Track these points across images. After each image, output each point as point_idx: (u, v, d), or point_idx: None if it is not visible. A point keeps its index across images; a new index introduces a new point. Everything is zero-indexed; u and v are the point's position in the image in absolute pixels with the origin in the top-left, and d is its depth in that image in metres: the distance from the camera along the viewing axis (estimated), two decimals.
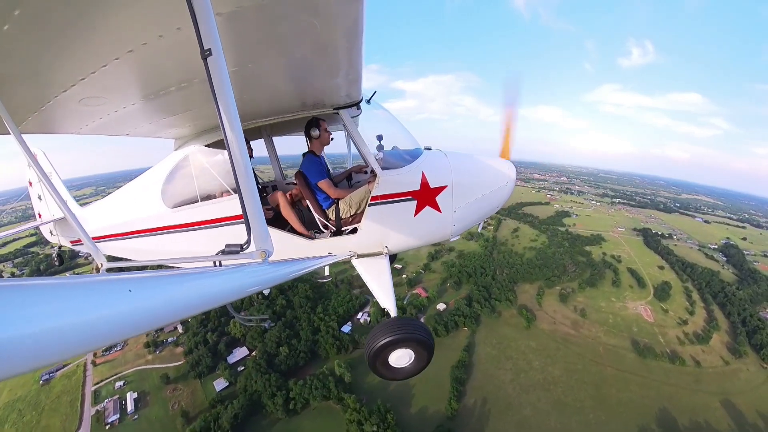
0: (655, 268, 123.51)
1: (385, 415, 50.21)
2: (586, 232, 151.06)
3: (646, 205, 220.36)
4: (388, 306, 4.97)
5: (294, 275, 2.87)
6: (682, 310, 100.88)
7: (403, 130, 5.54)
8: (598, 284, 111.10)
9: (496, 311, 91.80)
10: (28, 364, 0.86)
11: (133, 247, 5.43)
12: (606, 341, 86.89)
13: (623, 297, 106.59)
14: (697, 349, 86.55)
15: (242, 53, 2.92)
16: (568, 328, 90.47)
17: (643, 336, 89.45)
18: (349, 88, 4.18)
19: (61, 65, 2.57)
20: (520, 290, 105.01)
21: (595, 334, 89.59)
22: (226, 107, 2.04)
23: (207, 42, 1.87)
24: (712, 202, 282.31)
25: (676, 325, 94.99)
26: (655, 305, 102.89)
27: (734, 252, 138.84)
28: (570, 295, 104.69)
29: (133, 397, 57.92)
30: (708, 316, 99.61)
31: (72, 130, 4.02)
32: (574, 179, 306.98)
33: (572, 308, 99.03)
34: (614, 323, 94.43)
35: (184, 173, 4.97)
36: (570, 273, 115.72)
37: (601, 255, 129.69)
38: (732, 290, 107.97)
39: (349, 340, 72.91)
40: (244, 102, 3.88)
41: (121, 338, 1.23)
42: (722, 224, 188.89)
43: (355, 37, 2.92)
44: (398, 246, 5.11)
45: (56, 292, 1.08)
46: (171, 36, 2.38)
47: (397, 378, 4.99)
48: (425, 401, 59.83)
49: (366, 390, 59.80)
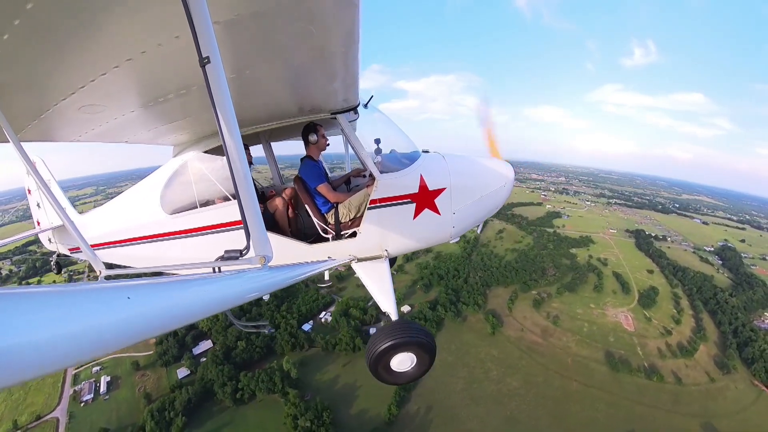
0: (644, 272, 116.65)
1: (321, 412, 51.82)
2: (576, 233, 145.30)
3: (644, 205, 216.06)
4: (389, 310, 4.94)
5: (294, 280, 2.86)
6: (667, 319, 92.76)
7: (400, 134, 5.56)
8: (578, 289, 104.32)
9: (462, 315, 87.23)
10: (26, 373, 0.85)
11: (132, 254, 5.42)
12: (576, 352, 79.92)
13: (603, 303, 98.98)
14: (679, 362, 78.74)
15: (240, 60, 2.95)
16: (536, 337, 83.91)
17: (619, 347, 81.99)
18: (346, 93, 4.23)
19: (60, 74, 2.59)
20: (492, 294, 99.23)
21: (566, 343, 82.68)
22: (224, 114, 2.05)
23: (205, 50, 1.89)
24: (713, 202, 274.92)
25: (659, 335, 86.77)
26: (638, 313, 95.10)
27: (731, 255, 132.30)
28: (545, 300, 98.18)
29: (106, 380, 64.48)
30: (696, 325, 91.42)
31: (71, 137, 4.03)
32: (572, 179, 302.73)
33: (545, 314, 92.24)
34: (588, 332, 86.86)
35: (183, 179, 4.97)
36: (549, 276, 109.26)
37: (587, 258, 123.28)
38: (725, 297, 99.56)
39: (306, 338, 74.11)
40: (242, 108, 3.88)
41: (120, 346, 1.20)
42: (721, 225, 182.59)
43: (351, 43, 2.96)
44: (398, 249, 5.11)
45: (53, 300, 1.06)
46: (170, 44, 2.40)
47: (399, 382, 4.96)
48: (367, 403, 58.78)
49: (314, 387, 61.39)
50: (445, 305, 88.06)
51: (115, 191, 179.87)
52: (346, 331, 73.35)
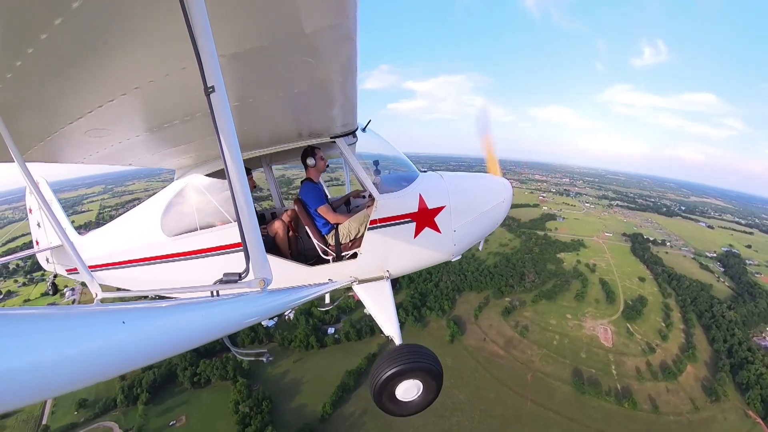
0: (635, 280, 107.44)
1: (261, 401, 56.77)
2: (568, 236, 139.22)
3: (647, 208, 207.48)
4: (392, 333, 4.83)
5: (294, 304, 2.84)
6: (653, 333, 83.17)
7: (398, 155, 5.69)
8: (557, 297, 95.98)
9: (424, 321, 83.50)
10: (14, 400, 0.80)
11: (130, 276, 5.39)
12: (539, 368, 72.45)
13: (582, 314, 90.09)
14: (659, 386, 68.63)
15: (243, 90, 3.06)
16: (498, 348, 77.69)
17: (590, 365, 73.14)
18: (345, 119, 4.35)
19: (69, 99, 2.67)
20: (462, 300, 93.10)
21: (529, 357, 75.34)
22: (227, 139, 2.10)
23: (210, 80, 1.95)
24: (722, 205, 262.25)
25: (640, 352, 77.25)
26: (620, 325, 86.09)
27: (734, 261, 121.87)
28: (517, 308, 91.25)
29: None
30: (685, 341, 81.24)
31: (76, 159, 4.10)
32: (577, 180, 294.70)
33: (513, 324, 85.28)
34: (558, 346, 78.41)
35: (185, 201, 5.03)
36: (527, 283, 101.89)
37: (574, 263, 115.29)
38: (722, 309, 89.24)
39: (265, 333, 76.24)
40: (244, 133, 4.01)
41: (115, 374, 1.15)
42: (727, 229, 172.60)
43: (349, 72, 3.08)
44: (400, 269, 5.10)
45: (44, 324, 1.01)
46: (176, 74, 2.50)
47: (405, 414, 4.74)
48: (308, 399, 60.85)
49: (263, 379, 65.45)
50: (408, 309, 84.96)
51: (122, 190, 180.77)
52: (303, 329, 75.15)
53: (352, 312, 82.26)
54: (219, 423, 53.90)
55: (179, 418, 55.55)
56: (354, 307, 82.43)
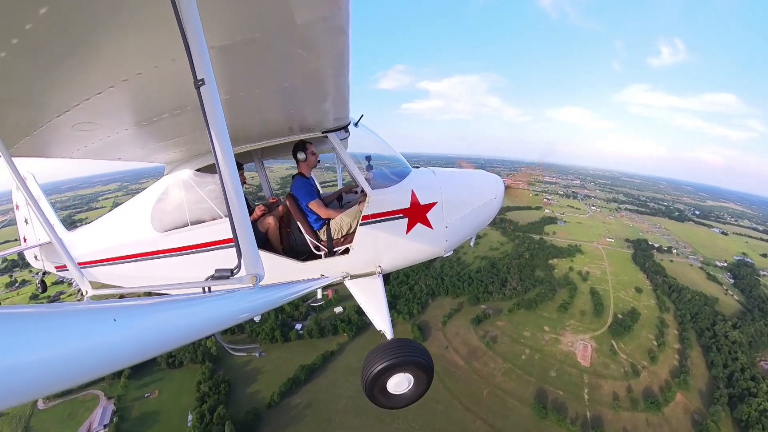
0: (630, 291, 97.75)
1: (219, 384, 62.69)
2: (565, 241, 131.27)
3: (658, 212, 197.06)
4: (383, 328, 4.89)
5: (286, 299, 2.83)
6: (641, 353, 72.93)
7: (391, 151, 5.69)
8: (538, 307, 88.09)
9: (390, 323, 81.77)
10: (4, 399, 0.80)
11: (120, 273, 5.35)
12: (499, 383, 65.23)
13: (562, 326, 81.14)
14: (638, 418, 58.50)
15: (234, 82, 3.03)
16: (458, 358, 72.01)
17: (560, 385, 64.29)
18: (337, 113, 4.33)
19: (55, 91, 2.62)
20: (436, 304, 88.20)
21: (491, 371, 68.39)
22: (217, 133, 2.09)
23: (200, 72, 1.94)
24: (740, 210, 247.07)
25: (622, 375, 67.17)
26: (604, 342, 76.47)
27: (746, 272, 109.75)
28: (491, 317, 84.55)
29: None
30: (679, 364, 70.27)
31: (64, 154, 4.02)
32: (588, 183, 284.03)
33: (482, 333, 78.36)
34: (526, 361, 70.51)
35: (175, 197, 4.98)
36: (508, 290, 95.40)
37: (566, 270, 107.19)
38: (726, 328, 77.40)
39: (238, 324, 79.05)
40: (235, 127, 3.98)
41: (105, 372, 1.14)
42: (743, 236, 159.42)
43: (341, 65, 3.06)
44: (391, 264, 5.12)
45: (33, 323, 0.99)
46: (165, 66, 2.47)
47: (397, 406, 4.82)
48: (262, 387, 64.01)
49: (227, 365, 69.37)
50: None
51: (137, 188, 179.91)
52: (271, 323, 77.60)
53: (322, 311, 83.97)
54: (184, 398, 60.60)
55: (153, 392, 62.66)
56: (324, 306, 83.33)
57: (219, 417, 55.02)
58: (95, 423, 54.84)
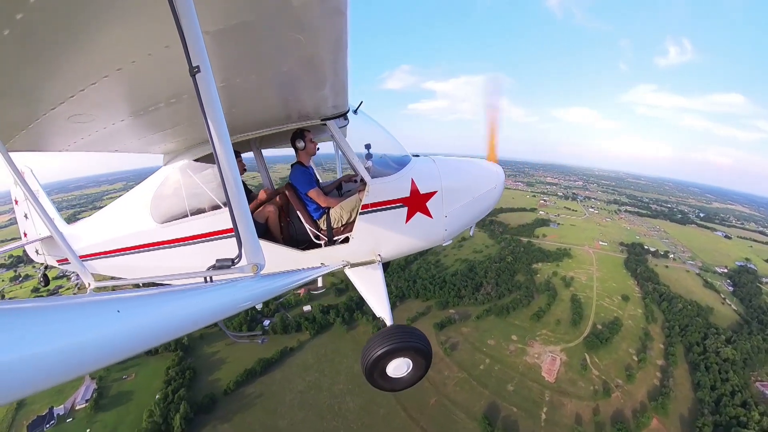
0: (616, 299, 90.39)
1: (185, 370, 67.72)
2: (554, 245, 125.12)
3: (660, 214, 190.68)
4: (383, 315, 4.96)
5: (287, 288, 2.85)
6: (617, 369, 65.72)
7: (391, 139, 5.62)
8: (510, 313, 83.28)
9: (353, 324, 78.92)
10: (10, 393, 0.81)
11: (122, 265, 5.37)
12: (449, 393, 61.34)
13: (533, 336, 75.72)
14: None
15: (230, 69, 2.97)
16: None
17: (516, 401, 58.82)
18: (335, 100, 4.27)
19: (50, 83, 2.58)
20: (404, 307, 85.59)
21: (444, 379, 64.44)
22: (214, 122, 2.07)
23: (195, 59, 1.91)
24: (747, 212, 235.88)
25: (590, 394, 60.04)
26: (576, 355, 69.69)
27: (747, 279, 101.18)
28: (455, 322, 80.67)
29: None
30: (659, 384, 62.03)
31: (60, 147, 4.00)
32: (591, 184, 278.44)
33: (443, 339, 74.82)
34: (484, 372, 65.49)
35: (174, 188, 4.96)
36: (481, 295, 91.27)
37: (549, 275, 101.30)
38: (718, 343, 69.03)
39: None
40: (232, 116, 3.93)
41: (110, 362, 1.16)
42: (747, 240, 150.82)
43: (339, 50, 3.00)
44: (391, 253, 5.14)
45: (38, 315, 1.01)
46: (160, 54, 2.42)
47: (396, 389, 4.95)
48: (223, 376, 67.25)
49: (196, 354, 72.85)
50: (341, 311, 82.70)
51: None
52: (240, 318, 78.71)
53: (291, 308, 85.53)
54: (156, 381, 64.94)
55: (130, 374, 67.16)
56: (294, 304, 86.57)
57: (179, 398, 60.84)
58: (79, 398, 61.18)
